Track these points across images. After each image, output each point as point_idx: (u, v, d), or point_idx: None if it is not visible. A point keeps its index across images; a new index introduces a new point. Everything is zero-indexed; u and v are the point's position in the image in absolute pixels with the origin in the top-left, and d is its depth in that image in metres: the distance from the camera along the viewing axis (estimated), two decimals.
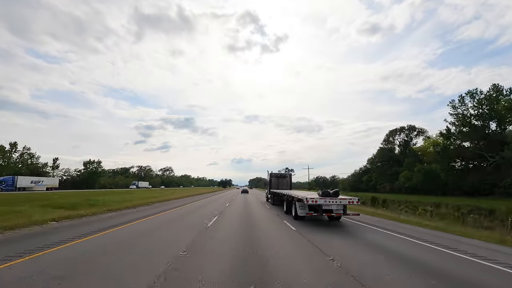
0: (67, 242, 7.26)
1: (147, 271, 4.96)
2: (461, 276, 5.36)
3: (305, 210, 12.23)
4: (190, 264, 5.52)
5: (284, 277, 4.84)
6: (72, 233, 8.56)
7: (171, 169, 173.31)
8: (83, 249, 6.55)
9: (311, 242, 8.13)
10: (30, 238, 7.90)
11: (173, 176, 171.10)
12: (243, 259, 6.01)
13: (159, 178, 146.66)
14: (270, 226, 11.28)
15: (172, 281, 4.55)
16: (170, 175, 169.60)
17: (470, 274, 5.51)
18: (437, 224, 13.05)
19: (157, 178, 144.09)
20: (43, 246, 6.75)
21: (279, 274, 5.01)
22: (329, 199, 11.57)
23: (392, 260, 6.39)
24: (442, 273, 5.48)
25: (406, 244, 8.37)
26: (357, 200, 12.11)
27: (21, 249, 6.46)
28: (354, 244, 8.04)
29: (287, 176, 26.27)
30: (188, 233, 9.06)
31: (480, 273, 5.58)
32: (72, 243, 7.18)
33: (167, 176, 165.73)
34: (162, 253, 6.37)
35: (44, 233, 8.68)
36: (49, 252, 6.24)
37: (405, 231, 10.82)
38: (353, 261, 6.14)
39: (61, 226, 10.14)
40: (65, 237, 7.99)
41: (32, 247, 6.66)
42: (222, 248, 7.04)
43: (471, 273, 5.55)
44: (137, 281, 4.46)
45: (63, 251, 6.40)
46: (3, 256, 5.83)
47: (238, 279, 4.70)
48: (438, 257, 6.76)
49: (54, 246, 6.77)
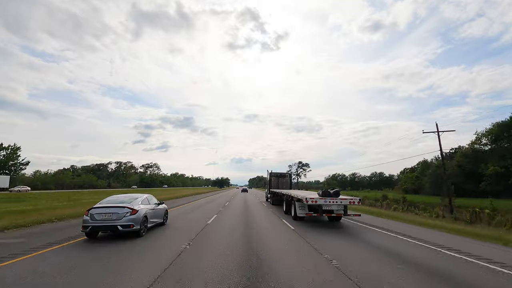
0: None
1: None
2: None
3: (304, 210, 12.21)
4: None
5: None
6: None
7: (157, 166, 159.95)
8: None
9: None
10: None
11: (157, 175, 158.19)
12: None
13: (137, 176, 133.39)
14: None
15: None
16: (155, 173, 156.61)
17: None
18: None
19: (134, 177, 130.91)
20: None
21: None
22: (329, 199, 11.44)
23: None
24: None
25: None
26: (358, 200, 11.84)
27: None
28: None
29: (287, 176, 25.75)
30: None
31: None
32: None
33: (151, 174, 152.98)
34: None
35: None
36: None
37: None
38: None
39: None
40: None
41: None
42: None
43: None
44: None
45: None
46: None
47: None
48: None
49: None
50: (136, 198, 9.59)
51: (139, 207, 8.97)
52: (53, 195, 38.10)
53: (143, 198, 9.86)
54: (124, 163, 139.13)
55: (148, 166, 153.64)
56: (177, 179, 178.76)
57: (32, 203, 21.14)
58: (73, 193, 45.63)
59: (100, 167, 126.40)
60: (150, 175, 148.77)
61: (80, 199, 27.12)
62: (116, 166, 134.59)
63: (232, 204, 23.95)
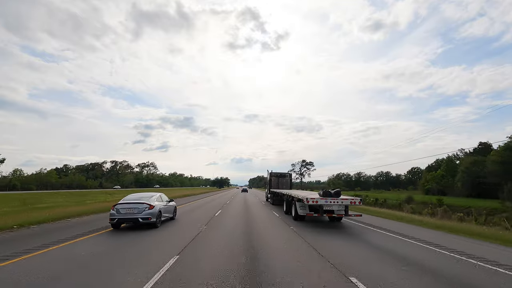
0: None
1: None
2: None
3: (305, 210, 12.22)
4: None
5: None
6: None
7: (154, 166, 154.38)
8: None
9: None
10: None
11: (154, 174, 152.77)
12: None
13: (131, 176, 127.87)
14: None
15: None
16: (151, 173, 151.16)
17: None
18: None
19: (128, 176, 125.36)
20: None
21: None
22: (330, 199, 11.33)
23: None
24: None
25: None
26: (359, 200, 11.68)
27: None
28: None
29: (287, 176, 25.89)
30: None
31: None
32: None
33: (147, 174, 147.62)
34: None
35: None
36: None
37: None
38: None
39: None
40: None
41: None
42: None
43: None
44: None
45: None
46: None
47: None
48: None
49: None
50: (151, 196, 11.02)
51: (155, 203, 10.48)
52: (13, 197, 32.35)
53: (157, 196, 11.23)
54: (120, 162, 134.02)
55: (144, 166, 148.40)
56: (175, 179, 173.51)
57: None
58: (43, 194, 39.27)
59: (95, 166, 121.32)
60: (146, 175, 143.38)
61: (35, 204, 21.02)
62: (112, 166, 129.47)
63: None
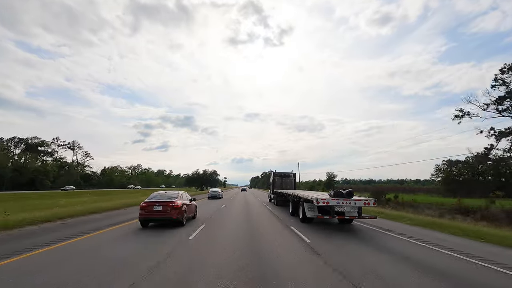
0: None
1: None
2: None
3: (314, 212, 11.44)
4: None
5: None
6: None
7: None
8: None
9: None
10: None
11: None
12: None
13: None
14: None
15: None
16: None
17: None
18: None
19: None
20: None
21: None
22: (342, 200, 10.51)
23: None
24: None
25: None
26: (373, 201, 10.77)
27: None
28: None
29: (291, 176, 25.02)
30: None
31: None
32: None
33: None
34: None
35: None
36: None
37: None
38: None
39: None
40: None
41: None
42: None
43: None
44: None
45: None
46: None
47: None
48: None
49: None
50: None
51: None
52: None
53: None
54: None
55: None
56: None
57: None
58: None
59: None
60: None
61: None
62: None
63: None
